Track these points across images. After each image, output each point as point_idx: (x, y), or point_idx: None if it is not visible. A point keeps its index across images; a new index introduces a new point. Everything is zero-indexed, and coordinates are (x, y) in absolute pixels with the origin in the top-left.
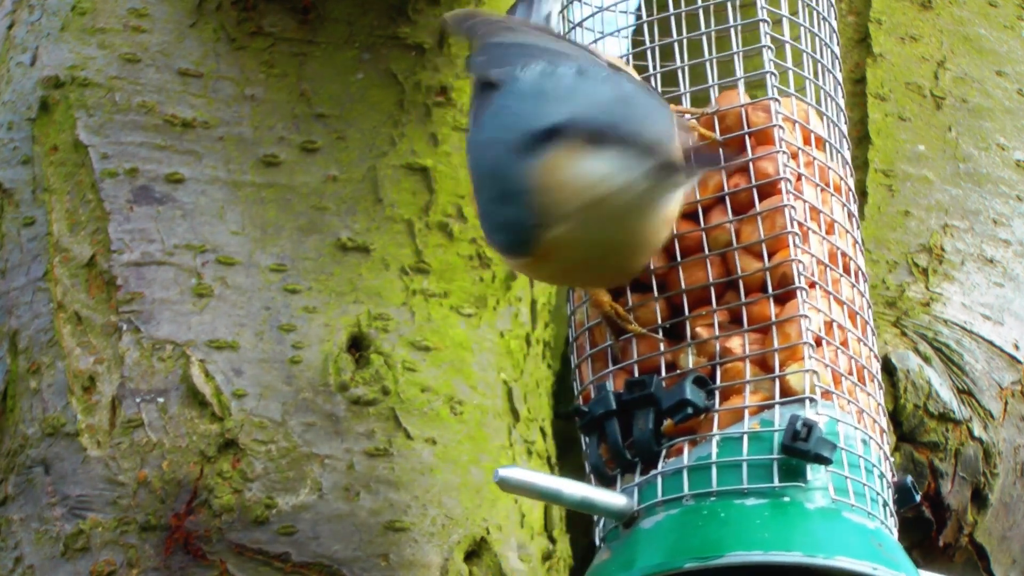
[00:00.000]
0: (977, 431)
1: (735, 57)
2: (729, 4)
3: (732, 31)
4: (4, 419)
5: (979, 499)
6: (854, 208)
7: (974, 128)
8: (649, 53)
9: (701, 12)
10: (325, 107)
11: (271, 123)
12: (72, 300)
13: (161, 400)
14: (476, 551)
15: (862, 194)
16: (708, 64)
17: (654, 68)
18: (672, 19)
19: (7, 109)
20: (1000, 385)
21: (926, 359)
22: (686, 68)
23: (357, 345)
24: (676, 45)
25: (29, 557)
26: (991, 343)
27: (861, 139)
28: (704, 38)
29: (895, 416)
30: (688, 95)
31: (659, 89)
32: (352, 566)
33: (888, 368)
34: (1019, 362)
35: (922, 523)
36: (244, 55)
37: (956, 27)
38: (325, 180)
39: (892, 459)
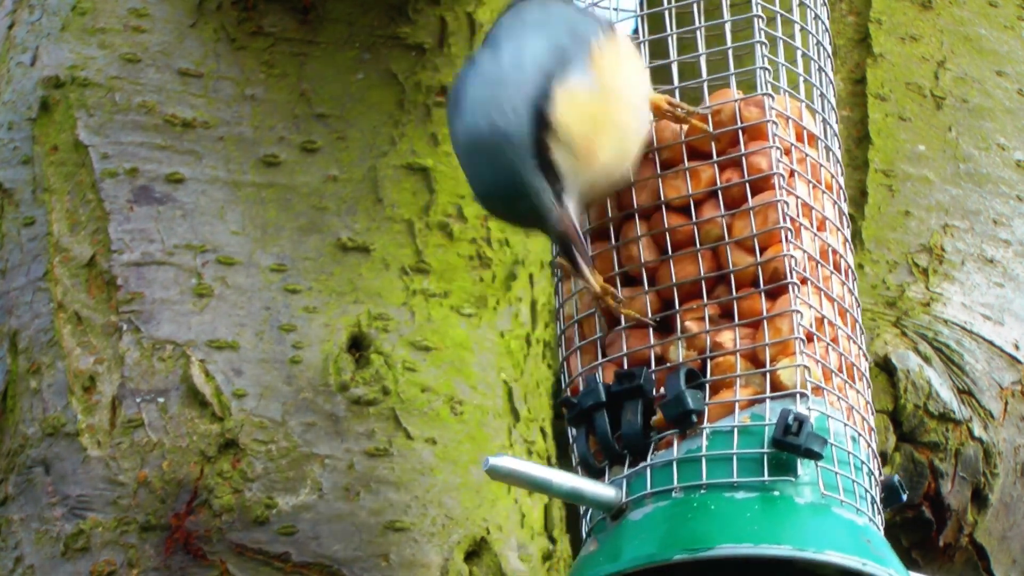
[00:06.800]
0: (977, 431)
1: (727, 53)
2: (724, 1)
3: (725, 27)
4: (4, 419)
5: (979, 499)
6: (845, 206)
7: (974, 128)
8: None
9: (695, 8)
10: (325, 107)
11: (271, 123)
12: (72, 300)
13: (161, 400)
14: (476, 551)
15: (862, 194)
16: (700, 60)
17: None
18: (665, 15)
19: (7, 109)
20: (1000, 385)
21: (926, 359)
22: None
23: (357, 345)
24: (670, 40)
25: (29, 557)
26: (991, 343)
27: (861, 139)
28: (697, 33)
29: (895, 416)
30: (678, 91)
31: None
32: (352, 566)
33: (888, 368)
34: (1019, 362)
35: (922, 523)
36: (244, 55)
37: (956, 27)
38: (325, 180)
39: (879, 457)
